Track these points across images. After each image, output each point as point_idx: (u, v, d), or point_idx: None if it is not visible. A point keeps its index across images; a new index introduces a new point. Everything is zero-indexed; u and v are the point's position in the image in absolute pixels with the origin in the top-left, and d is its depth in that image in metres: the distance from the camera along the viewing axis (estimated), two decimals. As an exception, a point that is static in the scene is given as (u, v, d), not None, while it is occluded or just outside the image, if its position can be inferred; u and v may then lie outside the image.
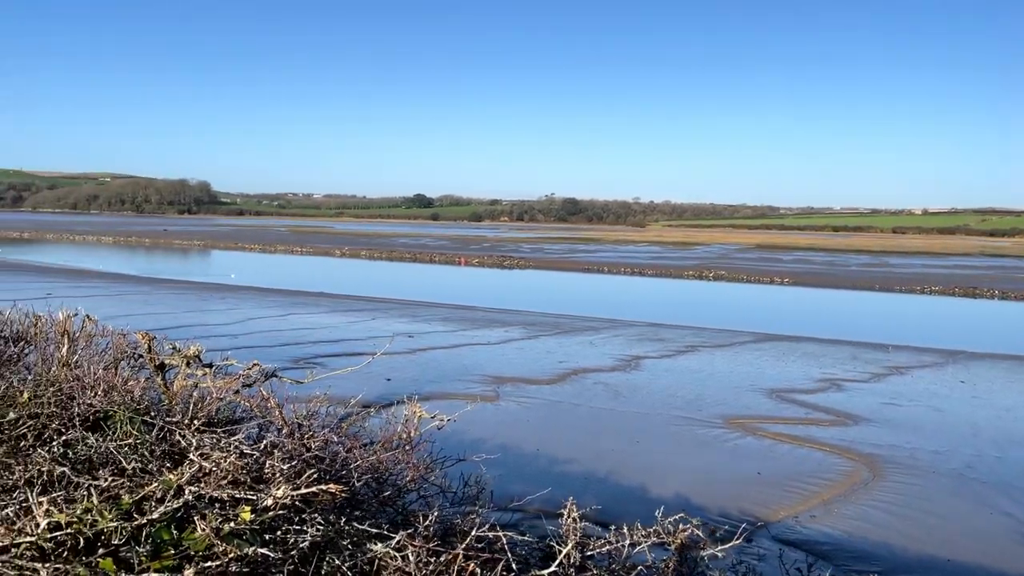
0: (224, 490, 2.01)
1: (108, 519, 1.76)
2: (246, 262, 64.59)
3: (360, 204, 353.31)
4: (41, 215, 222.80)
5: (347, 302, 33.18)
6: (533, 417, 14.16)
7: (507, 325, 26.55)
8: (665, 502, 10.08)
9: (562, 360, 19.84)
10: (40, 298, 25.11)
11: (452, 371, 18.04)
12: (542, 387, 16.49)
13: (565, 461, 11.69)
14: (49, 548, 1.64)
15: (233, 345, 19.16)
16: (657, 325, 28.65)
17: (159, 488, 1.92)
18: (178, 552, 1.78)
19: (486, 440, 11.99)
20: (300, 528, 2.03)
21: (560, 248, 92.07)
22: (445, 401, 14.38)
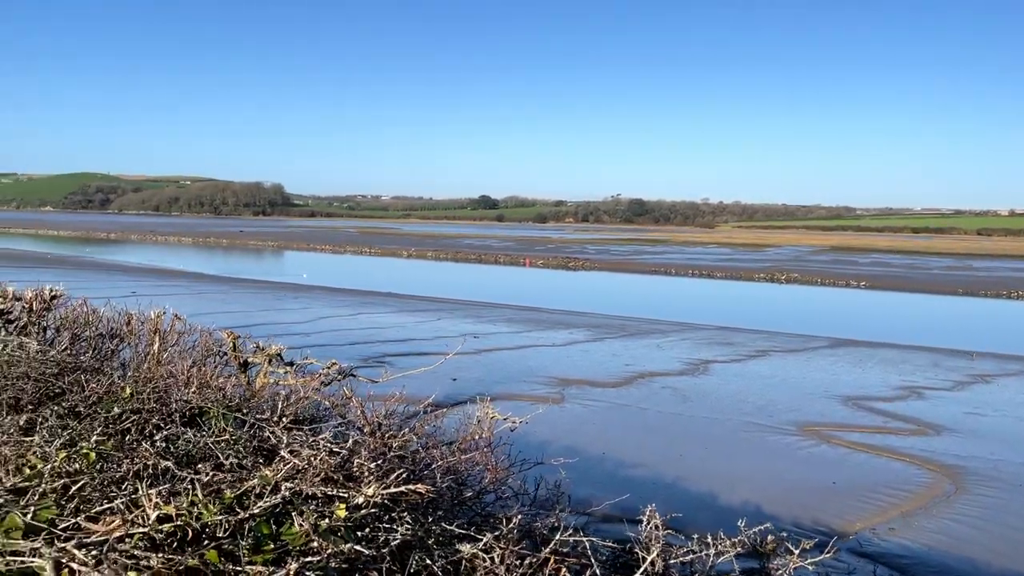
0: (318, 487, 2.08)
1: (213, 512, 1.85)
2: (317, 262, 66.26)
3: (426, 205, 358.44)
4: (126, 217, 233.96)
5: (414, 302, 33.66)
6: (599, 420, 14.05)
7: (572, 327, 26.45)
8: (734, 510, 9.88)
9: (628, 363, 19.63)
10: (126, 296, 26.36)
11: (517, 372, 18.06)
12: (608, 390, 16.36)
13: (631, 465, 11.56)
14: (160, 539, 1.74)
15: (306, 343, 19.67)
16: (726, 329, 28.07)
17: (258, 484, 2.00)
18: (277, 547, 1.85)
19: (551, 442, 11.97)
20: (390, 527, 2.08)
21: (626, 249, 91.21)
22: (510, 402, 14.42)
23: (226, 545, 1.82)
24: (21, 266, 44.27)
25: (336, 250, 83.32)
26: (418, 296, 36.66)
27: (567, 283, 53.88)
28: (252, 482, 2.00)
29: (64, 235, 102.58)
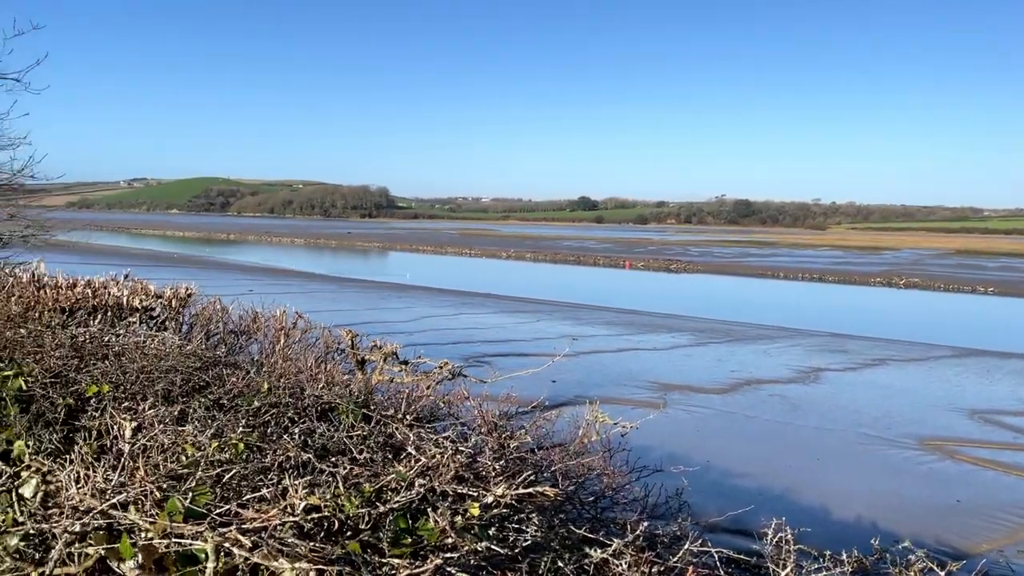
0: (449, 485, 2.14)
1: (355, 505, 1.94)
2: (419, 263, 67.87)
3: (525, 207, 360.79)
4: (244, 219, 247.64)
5: (512, 303, 33.91)
6: (703, 427, 13.72)
7: (674, 330, 25.94)
8: (848, 525, 9.42)
9: (734, 369, 19.07)
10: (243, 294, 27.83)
11: (617, 375, 17.88)
12: (712, 396, 15.95)
13: (738, 475, 11.22)
14: (308, 528, 1.84)
15: (410, 342, 20.14)
16: (840, 335, 26.80)
17: (394, 479, 2.08)
18: (413, 541, 1.92)
19: (653, 448, 11.76)
20: (519, 527, 2.12)
21: (731, 252, 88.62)
22: (611, 406, 14.27)
23: (366, 537, 1.91)
24: (152, 265, 47.62)
25: (437, 251, 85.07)
26: (517, 297, 36.91)
27: (669, 286, 52.87)
28: (389, 477, 2.08)
29: (188, 236, 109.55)
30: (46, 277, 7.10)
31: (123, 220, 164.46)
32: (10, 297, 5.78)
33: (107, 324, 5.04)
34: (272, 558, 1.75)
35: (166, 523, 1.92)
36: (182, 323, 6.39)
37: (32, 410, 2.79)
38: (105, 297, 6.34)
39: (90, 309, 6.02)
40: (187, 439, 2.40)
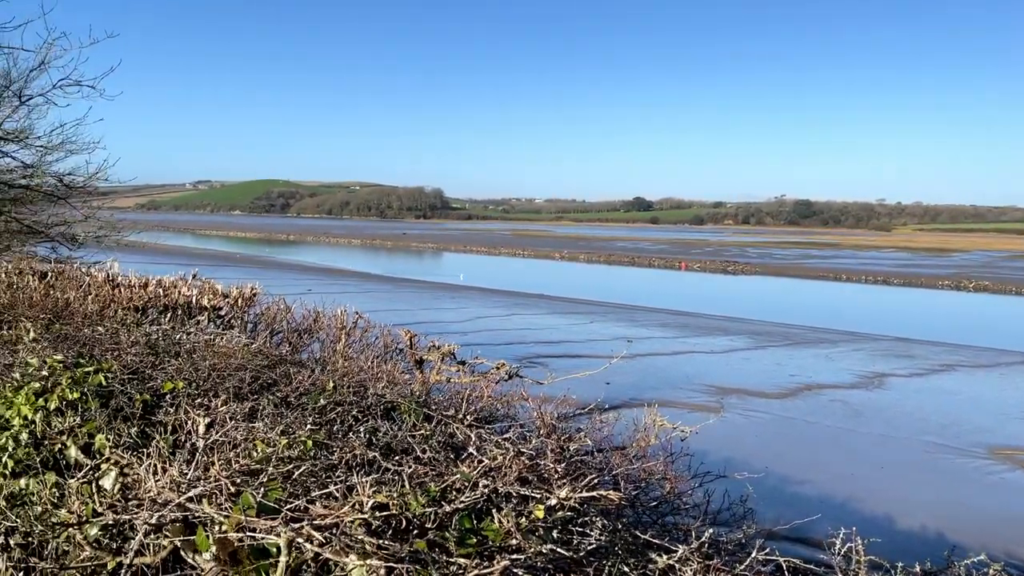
0: (513, 486, 2.16)
1: (421, 504, 1.97)
2: (472, 264, 68.27)
3: (579, 208, 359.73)
4: (303, 220, 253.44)
5: (566, 304, 33.82)
6: (761, 432, 13.44)
7: (731, 333, 25.49)
8: (913, 536, 9.11)
9: (793, 373, 18.64)
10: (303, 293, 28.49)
11: (673, 378, 17.66)
12: (771, 401, 15.62)
13: (798, 482, 10.97)
14: (375, 526, 1.88)
15: (464, 341, 20.27)
16: (905, 340, 25.92)
17: (460, 479, 2.11)
18: (478, 541, 1.94)
19: (709, 453, 11.57)
20: (583, 530, 2.12)
21: (791, 253, 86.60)
22: (666, 409, 14.05)
23: (432, 536, 1.94)
24: (216, 265, 49.07)
25: (490, 252, 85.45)
26: (570, 298, 36.80)
27: (726, 287, 51.95)
28: (454, 477, 2.11)
29: (250, 236, 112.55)
30: (120, 277, 7.42)
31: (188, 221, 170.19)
32: (87, 296, 6.06)
33: (178, 322, 5.24)
34: (343, 554, 1.79)
35: (240, 517, 1.99)
36: (247, 322, 6.59)
37: (111, 405, 2.92)
38: (175, 296, 6.58)
39: (161, 308, 6.27)
40: (258, 436, 2.48)
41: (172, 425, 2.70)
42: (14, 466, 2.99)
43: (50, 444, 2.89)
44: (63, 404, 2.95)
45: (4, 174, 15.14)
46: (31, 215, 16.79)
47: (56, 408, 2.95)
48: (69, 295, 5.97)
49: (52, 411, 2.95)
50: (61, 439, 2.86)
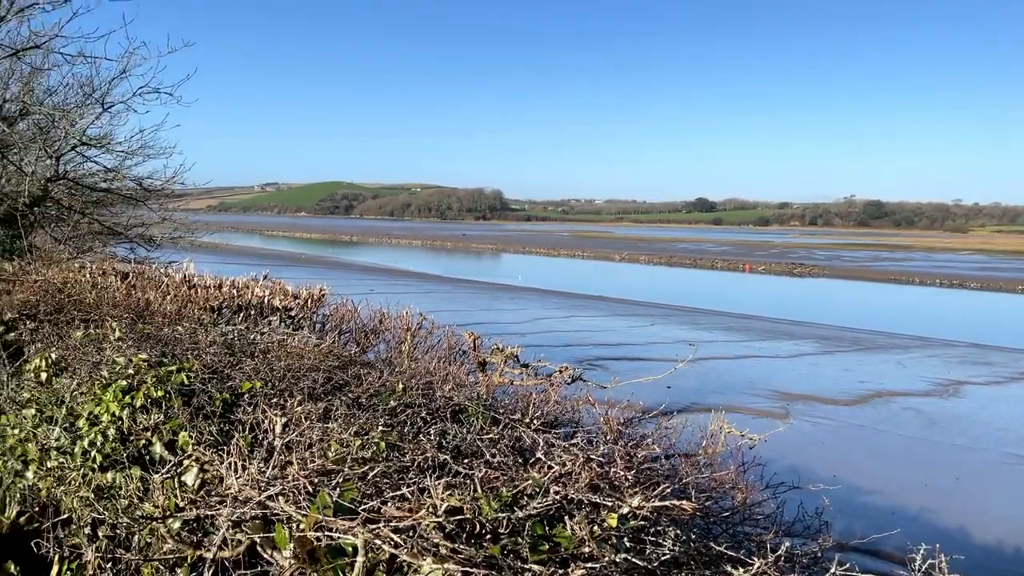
0: (584, 493, 2.15)
1: (493, 509, 1.99)
2: (531, 265, 68.36)
3: (639, 209, 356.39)
4: (365, 221, 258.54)
5: (626, 306, 33.53)
6: (829, 440, 13.09)
7: (797, 338, 24.85)
8: (990, 551, 8.73)
9: (863, 380, 18.07)
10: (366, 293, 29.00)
11: (736, 383, 17.34)
12: (839, 408, 15.19)
13: (867, 492, 10.65)
14: (450, 529, 1.90)
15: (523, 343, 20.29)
16: (982, 346, 24.81)
17: (531, 485, 2.12)
18: (551, 548, 1.94)
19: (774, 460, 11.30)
20: (656, 540, 2.10)
21: (860, 255, 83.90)
22: (730, 415, 13.82)
23: (505, 541, 1.95)
24: (283, 265, 50.44)
25: (549, 253, 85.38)
26: (630, 300, 36.47)
27: (792, 290, 50.64)
28: (526, 483, 2.12)
29: (314, 237, 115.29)
30: (195, 277, 7.72)
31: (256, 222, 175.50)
32: (166, 296, 6.31)
33: (251, 322, 5.41)
34: (419, 556, 1.81)
35: (317, 516, 2.04)
36: (315, 322, 6.75)
37: (193, 403, 3.04)
38: (248, 297, 6.80)
39: (235, 308, 6.48)
40: (332, 436, 2.54)
41: (250, 424, 2.80)
42: (102, 460, 3.14)
43: (135, 440, 3.03)
44: (148, 402, 3.08)
45: (87, 178, 15.90)
46: (112, 217, 17.58)
47: (141, 405, 3.09)
48: (149, 295, 6.24)
49: (138, 408, 3.09)
50: (146, 435, 2.99)
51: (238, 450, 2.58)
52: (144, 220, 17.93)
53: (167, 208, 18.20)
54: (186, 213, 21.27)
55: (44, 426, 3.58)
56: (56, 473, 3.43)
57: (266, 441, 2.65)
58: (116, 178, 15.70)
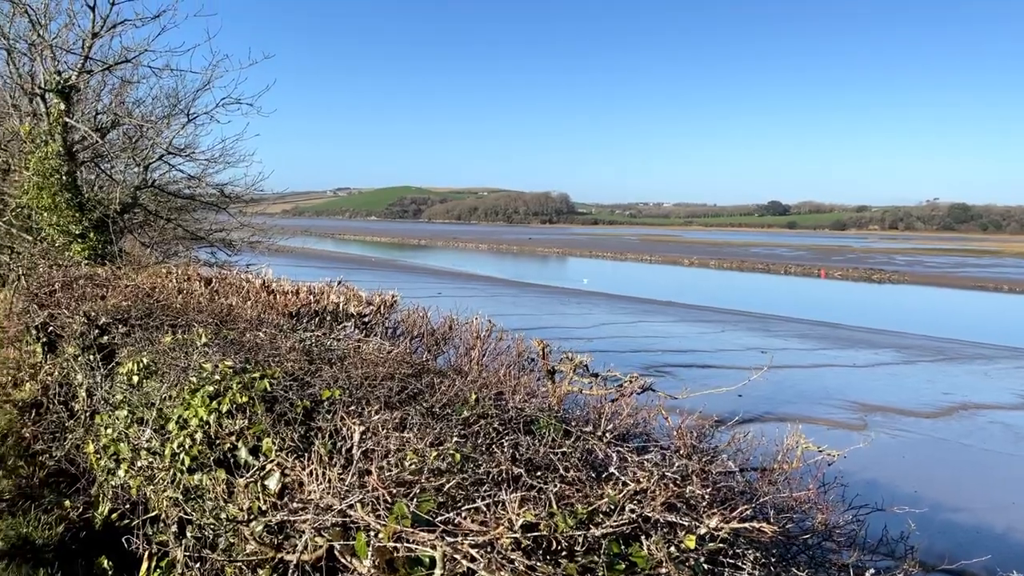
0: (660, 513, 2.13)
1: (569, 526, 1.99)
2: (597, 269, 67.95)
3: (710, 212, 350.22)
4: (434, 225, 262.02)
5: (695, 312, 32.95)
6: (910, 454, 12.57)
7: (877, 346, 23.94)
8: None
9: (946, 391, 17.27)
10: (434, 296, 29.40)
11: (810, 392, 16.83)
12: (921, 420, 14.56)
13: (951, 509, 10.19)
14: (525, 544, 1.91)
15: (588, 348, 20.19)
16: (1079, 359, 23.37)
17: (607, 503, 2.11)
18: (626, 568, 1.93)
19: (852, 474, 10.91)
20: (735, 563, 2.06)
21: (944, 261, 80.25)
22: (804, 425, 13.42)
23: (581, 560, 1.94)
24: (354, 268, 51.61)
25: (616, 257, 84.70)
26: (700, 306, 35.83)
27: (870, 297, 48.80)
28: (602, 501, 2.11)
29: (384, 241, 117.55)
30: (274, 283, 7.99)
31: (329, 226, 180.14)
32: (247, 301, 6.55)
33: (327, 328, 5.57)
34: (497, 572, 1.83)
35: (395, 526, 2.08)
36: (387, 327, 6.90)
37: (275, 410, 3.14)
38: (324, 303, 7.00)
39: (311, 314, 6.68)
40: (409, 446, 2.58)
41: (329, 431, 2.87)
42: (190, 463, 3.28)
43: (221, 444, 3.16)
44: (233, 407, 3.20)
45: (172, 185, 16.66)
46: (194, 222, 18.38)
47: (227, 411, 3.21)
48: (231, 300, 6.49)
49: (224, 413, 3.22)
50: (231, 440, 3.11)
51: (318, 457, 2.66)
52: (224, 225, 18.68)
53: (245, 213, 18.90)
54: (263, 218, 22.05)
55: (135, 427, 3.77)
56: (146, 472, 3.61)
57: (344, 449, 2.71)
58: (199, 185, 16.41)
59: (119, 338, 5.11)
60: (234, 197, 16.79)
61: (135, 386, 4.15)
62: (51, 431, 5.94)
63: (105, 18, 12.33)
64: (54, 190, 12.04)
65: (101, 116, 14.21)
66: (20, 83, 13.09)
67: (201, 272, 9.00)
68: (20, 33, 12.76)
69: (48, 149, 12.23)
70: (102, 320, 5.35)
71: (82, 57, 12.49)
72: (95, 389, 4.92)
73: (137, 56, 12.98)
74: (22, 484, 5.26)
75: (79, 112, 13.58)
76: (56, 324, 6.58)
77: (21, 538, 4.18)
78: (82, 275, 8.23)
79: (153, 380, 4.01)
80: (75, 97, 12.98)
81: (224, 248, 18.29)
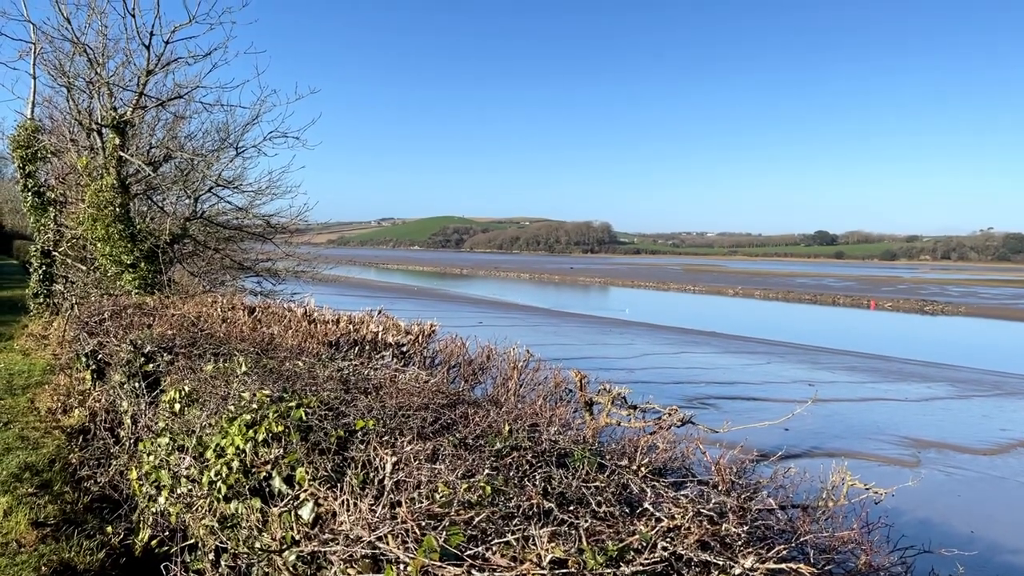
0: (694, 551, 2.07)
1: (599, 563, 1.95)
2: (639, 299, 67.37)
3: (755, 242, 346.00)
4: (476, 254, 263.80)
5: (740, 343, 32.39)
6: (965, 492, 12.09)
7: (930, 380, 23.18)
8: None
9: (1004, 427, 16.61)
10: (474, 326, 29.49)
11: (860, 427, 16.34)
12: (978, 457, 14.00)
13: (1010, 551, 9.76)
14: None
15: (630, 379, 19.99)
16: None
17: (638, 540, 2.06)
18: (659, 608, 1.88)
19: (904, 512, 10.58)
20: (769, 606, 1.99)
21: (1001, 292, 77.68)
22: (853, 461, 13.06)
23: (610, 598, 1.90)
24: (396, 297, 52.14)
25: (659, 287, 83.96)
26: (744, 337, 35.21)
27: (923, 330, 47.37)
28: (632, 537, 2.06)
29: (426, 270, 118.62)
30: (316, 312, 8.10)
31: (372, 256, 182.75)
32: (288, 331, 6.66)
33: (365, 358, 5.61)
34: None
35: (423, 560, 2.06)
36: (425, 356, 6.93)
37: (310, 439, 3.16)
38: (364, 332, 7.07)
39: (351, 343, 6.75)
40: (440, 478, 2.57)
41: (362, 462, 2.87)
42: (227, 491, 3.31)
43: (257, 472, 3.18)
44: (269, 436, 3.23)
45: (220, 216, 17.14)
46: (241, 252, 18.83)
47: (263, 439, 3.24)
48: (274, 329, 6.60)
49: (260, 442, 3.25)
50: (266, 468, 3.13)
51: (350, 488, 2.66)
52: (270, 255, 19.12)
53: (291, 243, 19.32)
54: (308, 248, 22.50)
55: (176, 454, 3.83)
56: (185, 500, 3.65)
57: (376, 479, 2.71)
58: (246, 216, 16.85)
59: (164, 366, 5.22)
60: (280, 228, 17.18)
61: (177, 414, 4.23)
62: (97, 457, 6.07)
63: (159, 56, 12.85)
64: (108, 221, 12.48)
65: (154, 150, 14.75)
66: (79, 119, 13.68)
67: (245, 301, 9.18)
68: (79, 71, 13.36)
69: (103, 182, 12.70)
70: (147, 348, 5.47)
71: (137, 93, 13.02)
72: (139, 416, 5.02)
73: (189, 92, 13.47)
74: (67, 509, 5.37)
75: (133, 146, 14.11)
76: (105, 352, 6.76)
77: (63, 563, 4.27)
78: (131, 304, 8.47)
79: (194, 408, 4.08)
80: (130, 132, 13.49)
81: (270, 278, 18.68)
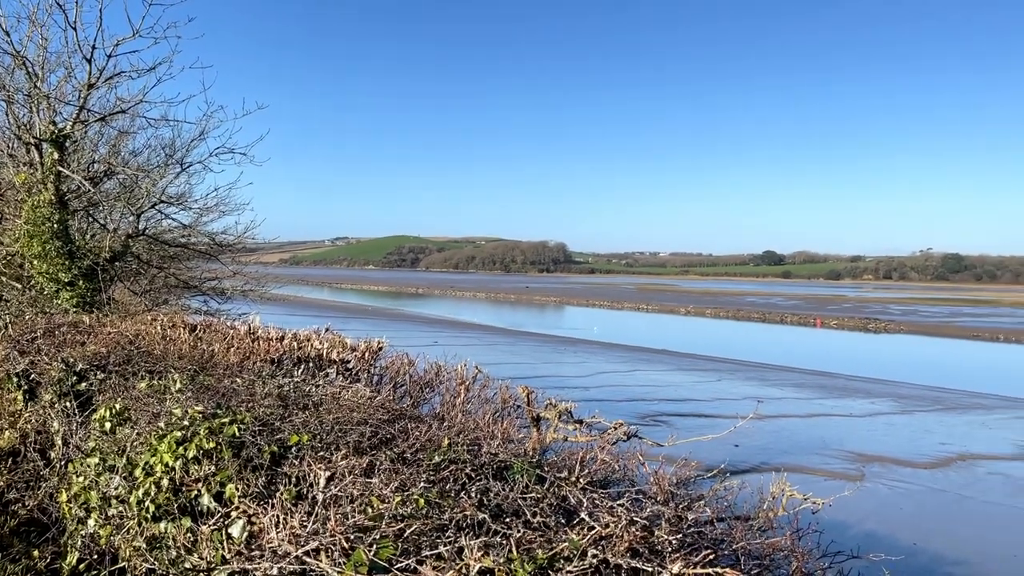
0: (623, 558, 2.07)
1: (527, 571, 1.93)
2: (594, 317, 67.86)
3: (706, 262, 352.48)
4: (431, 273, 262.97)
5: (691, 361, 32.83)
6: (908, 505, 12.39)
7: (873, 396, 23.80)
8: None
9: (944, 442, 17.11)
10: (429, 345, 29.29)
11: (807, 442, 16.65)
12: (919, 471, 14.38)
13: (952, 563, 10.00)
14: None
15: (584, 397, 20.04)
16: (1077, 408, 23.22)
17: (568, 548, 2.05)
18: (586, 614, 1.87)
19: (849, 526, 10.80)
20: (696, 610, 2.00)
21: (939, 311, 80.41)
22: (800, 475, 13.28)
23: (538, 606, 1.88)
24: (348, 317, 51.49)
25: (613, 306, 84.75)
26: (696, 355, 35.71)
27: (867, 347, 48.70)
28: (562, 545, 2.05)
29: (381, 290, 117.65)
30: (260, 330, 7.95)
31: (326, 275, 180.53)
32: (229, 348, 6.52)
33: (308, 374, 5.51)
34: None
35: (353, 574, 2.01)
36: (373, 374, 6.85)
37: (243, 455, 3.08)
38: (308, 349, 6.97)
39: (295, 360, 6.64)
40: (373, 491, 2.52)
41: (295, 477, 2.81)
42: (155, 510, 3.20)
43: (187, 491, 3.08)
44: (200, 453, 3.14)
45: (165, 233, 16.75)
46: (187, 271, 18.42)
47: (194, 456, 3.15)
48: (214, 347, 6.45)
49: (190, 459, 3.15)
50: (197, 486, 3.04)
51: (281, 503, 2.59)
52: (217, 273, 18.74)
53: (240, 262, 18.98)
54: (258, 267, 22.12)
55: (106, 475, 3.69)
56: (115, 522, 3.52)
57: (310, 495, 2.65)
58: (192, 234, 16.51)
59: (96, 385, 5.04)
60: (226, 246, 16.87)
61: (108, 433, 4.08)
62: (26, 480, 5.82)
63: (101, 70, 12.56)
64: (45, 238, 12.08)
65: (96, 166, 14.36)
66: (17, 133, 13.26)
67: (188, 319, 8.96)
68: (19, 84, 12.98)
69: (41, 198, 12.31)
70: (80, 366, 5.28)
71: (78, 108, 12.69)
72: (70, 436, 4.84)
73: (133, 107, 13.18)
74: (-9, 534, 5.13)
75: (74, 162, 13.72)
76: (36, 371, 6.51)
77: (-17, 590, 4.06)
78: (66, 322, 8.19)
79: (126, 427, 3.94)
80: (70, 147, 13.13)
81: (216, 296, 18.30)
